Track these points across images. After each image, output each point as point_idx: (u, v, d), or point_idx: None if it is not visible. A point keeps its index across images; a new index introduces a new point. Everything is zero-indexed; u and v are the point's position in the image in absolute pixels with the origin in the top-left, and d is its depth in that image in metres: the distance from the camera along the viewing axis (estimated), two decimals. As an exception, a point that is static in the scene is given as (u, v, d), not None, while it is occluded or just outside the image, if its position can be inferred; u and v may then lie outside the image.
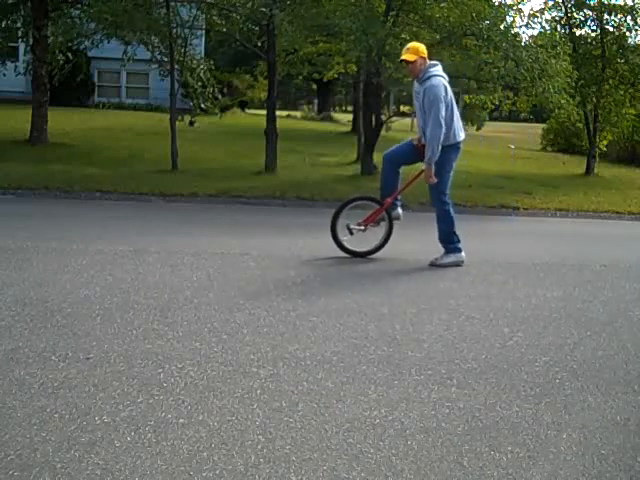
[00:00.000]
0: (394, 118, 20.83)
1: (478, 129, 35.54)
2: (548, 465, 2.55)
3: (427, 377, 3.28)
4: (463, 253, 5.80)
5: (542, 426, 2.85)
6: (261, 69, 26.28)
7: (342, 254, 5.90)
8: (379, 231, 5.98)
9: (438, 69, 5.63)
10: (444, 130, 5.46)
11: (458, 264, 5.74)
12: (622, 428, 2.88)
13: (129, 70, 21.55)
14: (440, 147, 5.47)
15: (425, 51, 5.65)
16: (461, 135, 5.73)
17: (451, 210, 5.78)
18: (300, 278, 5.05)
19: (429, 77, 5.53)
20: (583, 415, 2.98)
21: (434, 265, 5.71)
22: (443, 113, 5.43)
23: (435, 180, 5.62)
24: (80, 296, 4.25)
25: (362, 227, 5.86)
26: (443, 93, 5.46)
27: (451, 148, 5.63)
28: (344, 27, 10.92)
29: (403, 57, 5.62)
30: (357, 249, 5.89)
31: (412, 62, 5.56)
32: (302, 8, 11.79)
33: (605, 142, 17.17)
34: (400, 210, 6.09)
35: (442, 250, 5.78)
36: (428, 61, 5.64)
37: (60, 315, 3.85)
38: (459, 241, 5.79)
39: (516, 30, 12.62)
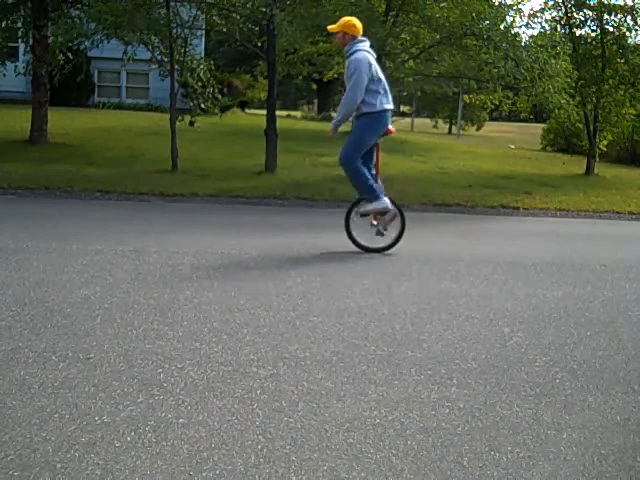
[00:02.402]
0: (394, 118, 20.81)
1: (478, 129, 35.62)
2: (548, 465, 2.55)
3: (427, 377, 3.28)
4: (386, 199, 5.98)
5: (542, 426, 2.85)
6: (261, 69, 26.31)
7: (342, 254, 5.90)
8: (393, 227, 6.11)
9: (364, 45, 5.89)
10: (359, 100, 5.71)
11: (382, 210, 5.96)
12: (622, 428, 2.88)
13: (129, 70, 21.54)
14: (350, 114, 5.83)
15: (355, 27, 5.90)
16: (387, 105, 5.88)
17: (360, 166, 5.92)
18: (300, 278, 5.06)
19: (354, 51, 5.81)
20: (583, 415, 2.98)
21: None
22: (362, 85, 5.67)
23: (331, 135, 6.01)
24: (80, 296, 4.25)
25: (374, 222, 6.09)
26: (366, 67, 5.71)
27: (375, 115, 5.82)
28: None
29: (328, 27, 5.97)
30: (371, 245, 6.04)
31: (335, 33, 5.91)
32: (302, 8, 11.81)
33: (605, 142, 17.16)
34: (386, 199, 6.15)
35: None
36: (359, 37, 5.91)
37: (60, 315, 3.86)
38: (379, 191, 5.98)
39: (516, 30, 12.67)
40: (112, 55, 14.61)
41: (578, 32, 15.81)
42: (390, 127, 6.05)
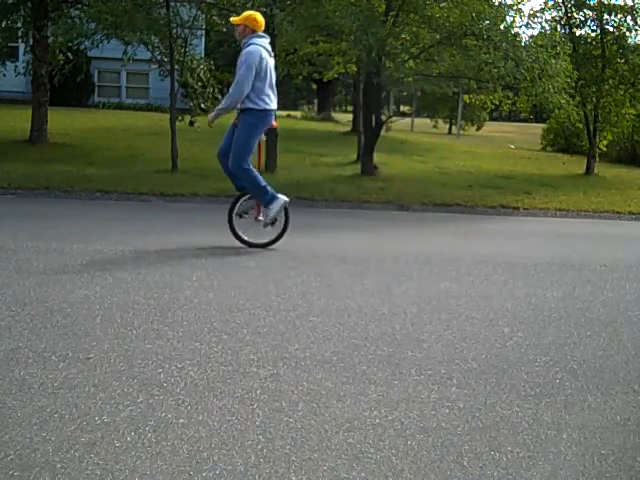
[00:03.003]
0: (394, 118, 20.82)
1: (478, 129, 35.62)
2: (548, 465, 2.55)
3: (427, 377, 3.28)
4: (280, 195, 5.93)
5: (542, 426, 2.85)
6: (261, 69, 26.23)
7: (343, 254, 5.90)
8: (277, 223, 6.02)
9: (262, 41, 5.87)
10: (246, 91, 5.71)
11: (283, 206, 5.92)
12: (622, 428, 2.88)
13: (129, 70, 21.53)
14: (235, 105, 5.82)
15: (257, 22, 5.85)
16: (270, 105, 5.88)
17: (251, 169, 5.89)
18: (300, 278, 5.06)
19: (249, 44, 5.80)
20: (583, 415, 2.98)
21: (267, 225, 5.95)
22: (250, 78, 5.69)
23: (212, 121, 5.98)
24: (80, 296, 4.25)
25: (253, 216, 6.03)
26: (256, 59, 5.70)
27: (259, 114, 5.82)
28: (345, 26, 10.93)
29: (231, 18, 6.02)
30: (255, 241, 5.99)
31: (237, 25, 5.90)
32: (302, 8, 11.79)
33: (605, 142, 17.16)
34: (280, 196, 6.03)
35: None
36: (259, 33, 5.87)
37: (60, 315, 3.86)
38: (272, 190, 5.93)
39: (516, 30, 12.65)
40: (112, 55, 14.61)
41: (578, 32, 15.81)
42: (273, 122, 6.05)
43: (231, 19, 6.04)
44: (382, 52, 11.32)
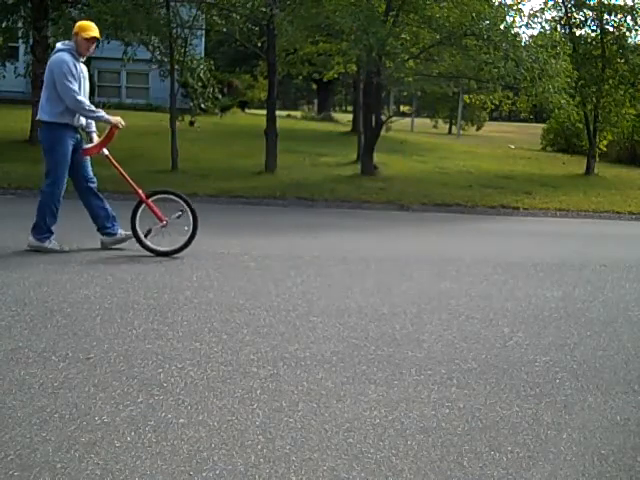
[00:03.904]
0: (394, 118, 20.84)
1: (478, 129, 35.63)
2: (548, 465, 2.55)
3: (427, 377, 3.28)
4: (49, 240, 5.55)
5: (542, 426, 2.85)
6: (261, 69, 26.30)
7: (343, 254, 5.89)
8: (185, 230, 5.60)
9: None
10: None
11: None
12: (622, 428, 2.88)
13: (129, 70, 21.57)
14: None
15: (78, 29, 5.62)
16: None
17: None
18: (300, 278, 5.06)
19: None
20: (583, 415, 2.98)
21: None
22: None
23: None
24: (80, 296, 4.25)
25: (163, 224, 5.61)
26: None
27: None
28: (345, 26, 10.93)
29: (97, 35, 5.68)
30: (161, 248, 5.57)
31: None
32: (302, 8, 11.80)
33: (605, 142, 17.18)
34: (121, 231, 5.79)
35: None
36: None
37: (60, 315, 3.85)
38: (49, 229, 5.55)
39: (516, 30, 12.64)
40: (112, 55, 14.61)
41: (578, 32, 15.83)
42: None
43: (98, 35, 5.72)
44: (382, 52, 11.32)
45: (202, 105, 14.84)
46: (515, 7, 12.30)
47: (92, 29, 5.63)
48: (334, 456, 2.51)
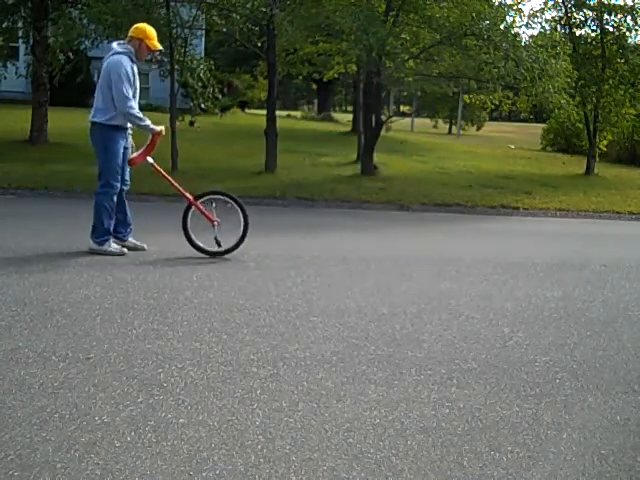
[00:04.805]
0: (394, 118, 20.83)
1: (478, 129, 35.63)
2: (548, 465, 2.55)
3: (427, 377, 3.28)
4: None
5: (542, 426, 2.85)
6: (261, 69, 26.30)
7: (343, 254, 5.89)
8: (235, 229, 5.60)
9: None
10: None
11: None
12: (622, 428, 2.88)
13: (129, 70, 21.51)
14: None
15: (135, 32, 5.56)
16: None
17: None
18: (300, 278, 5.05)
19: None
20: (583, 415, 2.98)
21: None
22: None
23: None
24: (80, 296, 4.25)
25: (216, 224, 5.59)
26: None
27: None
28: (345, 26, 10.93)
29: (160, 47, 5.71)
30: (213, 249, 5.56)
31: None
32: (302, 8, 11.80)
33: (605, 142, 17.19)
34: (132, 239, 5.79)
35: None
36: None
37: (60, 315, 3.85)
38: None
39: (516, 30, 12.64)
40: (112, 55, 14.59)
41: (578, 32, 15.84)
42: None
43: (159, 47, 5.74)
44: (382, 52, 11.32)
45: (202, 105, 14.84)
46: (515, 7, 12.31)
47: (156, 39, 5.67)
48: (334, 456, 2.51)
